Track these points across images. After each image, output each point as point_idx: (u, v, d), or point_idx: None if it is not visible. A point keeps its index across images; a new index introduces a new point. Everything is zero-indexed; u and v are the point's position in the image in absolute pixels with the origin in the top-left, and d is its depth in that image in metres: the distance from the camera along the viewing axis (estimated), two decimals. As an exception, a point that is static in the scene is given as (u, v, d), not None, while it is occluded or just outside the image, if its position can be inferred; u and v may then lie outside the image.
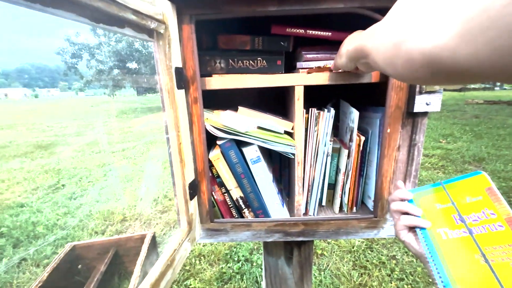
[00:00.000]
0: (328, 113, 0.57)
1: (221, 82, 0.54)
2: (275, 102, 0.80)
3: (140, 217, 2.23)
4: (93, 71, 12.50)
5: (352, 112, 0.57)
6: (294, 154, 0.57)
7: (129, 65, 12.68)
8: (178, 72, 0.48)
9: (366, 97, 0.69)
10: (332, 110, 0.57)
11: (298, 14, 0.49)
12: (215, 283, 1.54)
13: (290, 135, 0.59)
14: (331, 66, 0.51)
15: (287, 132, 0.59)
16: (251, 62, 0.56)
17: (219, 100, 0.71)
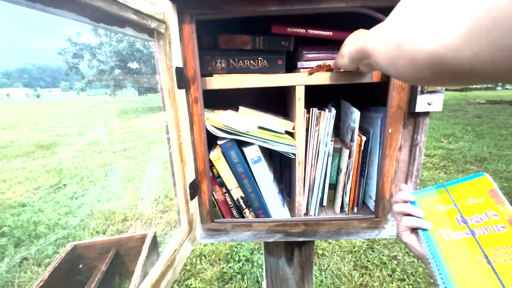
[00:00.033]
0: (329, 113, 0.57)
1: (222, 82, 0.54)
2: (276, 102, 0.80)
3: (141, 217, 2.24)
4: (95, 71, 12.51)
5: (353, 112, 0.57)
6: (295, 154, 0.57)
7: (130, 65, 12.70)
8: (179, 72, 0.48)
9: (367, 97, 0.69)
10: (333, 110, 0.57)
11: (299, 14, 0.49)
12: (216, 283, 1.54)
13: (291, 135, 0.59)
14: (331, 64, 0.51)
15: (288, 132, 0.59)
16: (252, 62, 0.56)
17: (220, 100, 0.71)
